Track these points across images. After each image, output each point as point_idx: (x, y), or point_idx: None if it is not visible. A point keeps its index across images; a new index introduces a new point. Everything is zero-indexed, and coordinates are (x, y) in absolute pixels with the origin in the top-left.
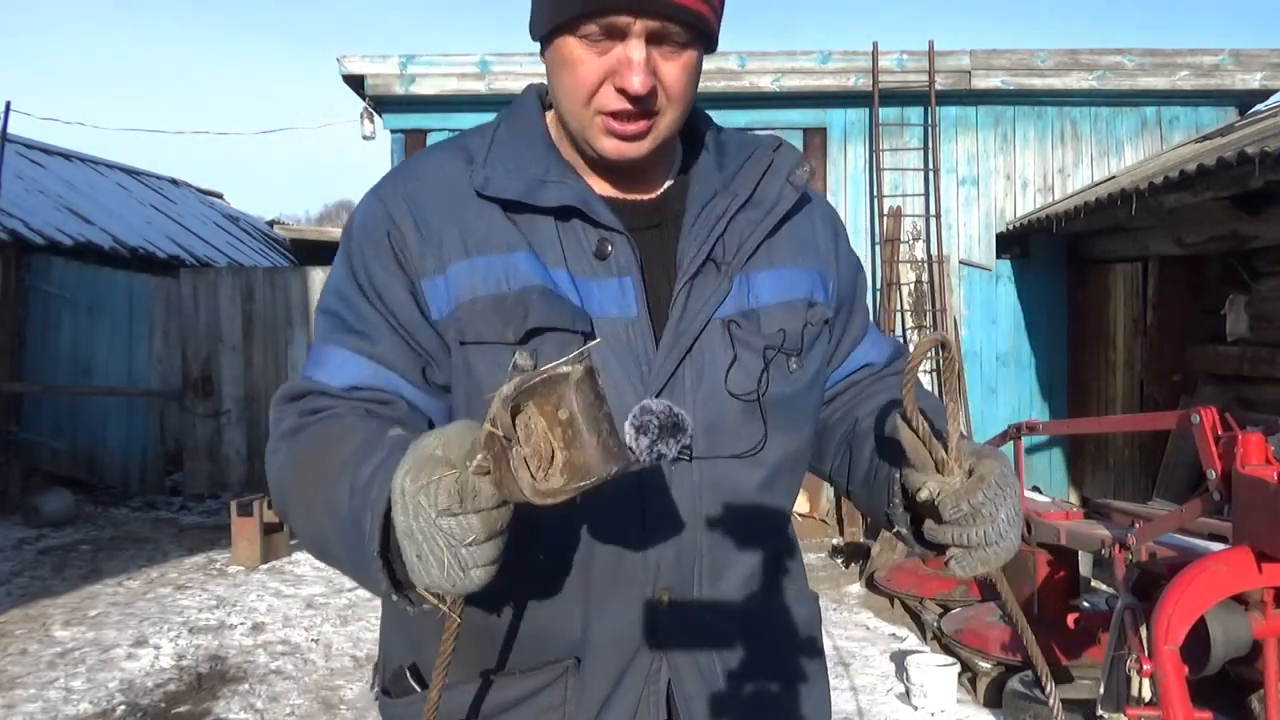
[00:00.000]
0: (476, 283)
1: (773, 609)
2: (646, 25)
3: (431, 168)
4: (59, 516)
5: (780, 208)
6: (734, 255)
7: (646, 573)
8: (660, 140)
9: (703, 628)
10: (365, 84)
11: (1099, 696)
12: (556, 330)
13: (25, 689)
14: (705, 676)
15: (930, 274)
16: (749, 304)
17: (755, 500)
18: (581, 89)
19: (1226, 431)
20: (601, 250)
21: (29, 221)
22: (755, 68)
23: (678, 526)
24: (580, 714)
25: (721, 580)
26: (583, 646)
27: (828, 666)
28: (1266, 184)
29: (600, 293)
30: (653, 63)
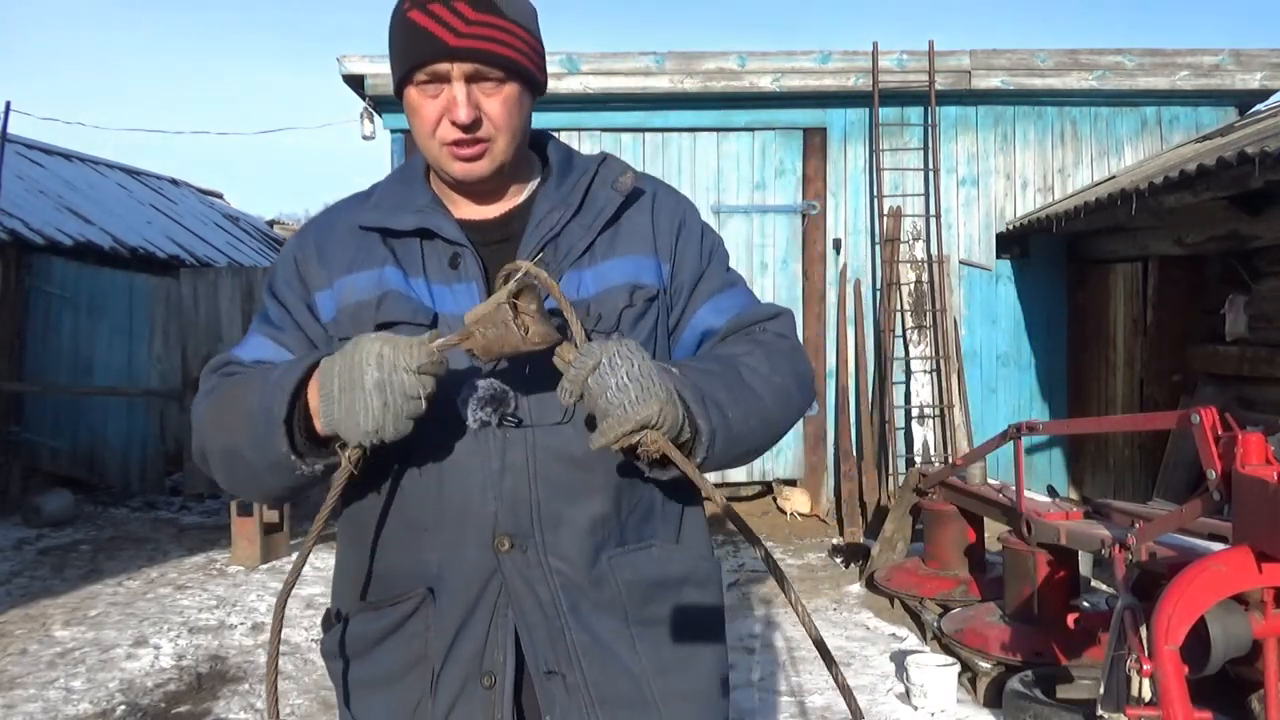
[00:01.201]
0: (353, 293)
1: (619, 558)
2: (463, 69)
3: (336, 213)
4: (59, 516)
5: (606, 211)
6: (564, 257)
7: (487, 520)
8: (499, 160)
9: (542, 570)
10: (365, 84)
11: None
12: (402, 323)
13: (25, 689)
14: (547, 613)
15: (930, 274)
16: (576, 295)
17: (589, 461)
18: (426, 126)
19: (1226, 431)
20: (454, 261)
21: (29, 221)
22: (755, 68)
23: (513, 481)
24: (439, 639)
25: (560, 529)
26: (438, 581)
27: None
28: (1266, 184)
29: (452, 295)
30: (475, 99)
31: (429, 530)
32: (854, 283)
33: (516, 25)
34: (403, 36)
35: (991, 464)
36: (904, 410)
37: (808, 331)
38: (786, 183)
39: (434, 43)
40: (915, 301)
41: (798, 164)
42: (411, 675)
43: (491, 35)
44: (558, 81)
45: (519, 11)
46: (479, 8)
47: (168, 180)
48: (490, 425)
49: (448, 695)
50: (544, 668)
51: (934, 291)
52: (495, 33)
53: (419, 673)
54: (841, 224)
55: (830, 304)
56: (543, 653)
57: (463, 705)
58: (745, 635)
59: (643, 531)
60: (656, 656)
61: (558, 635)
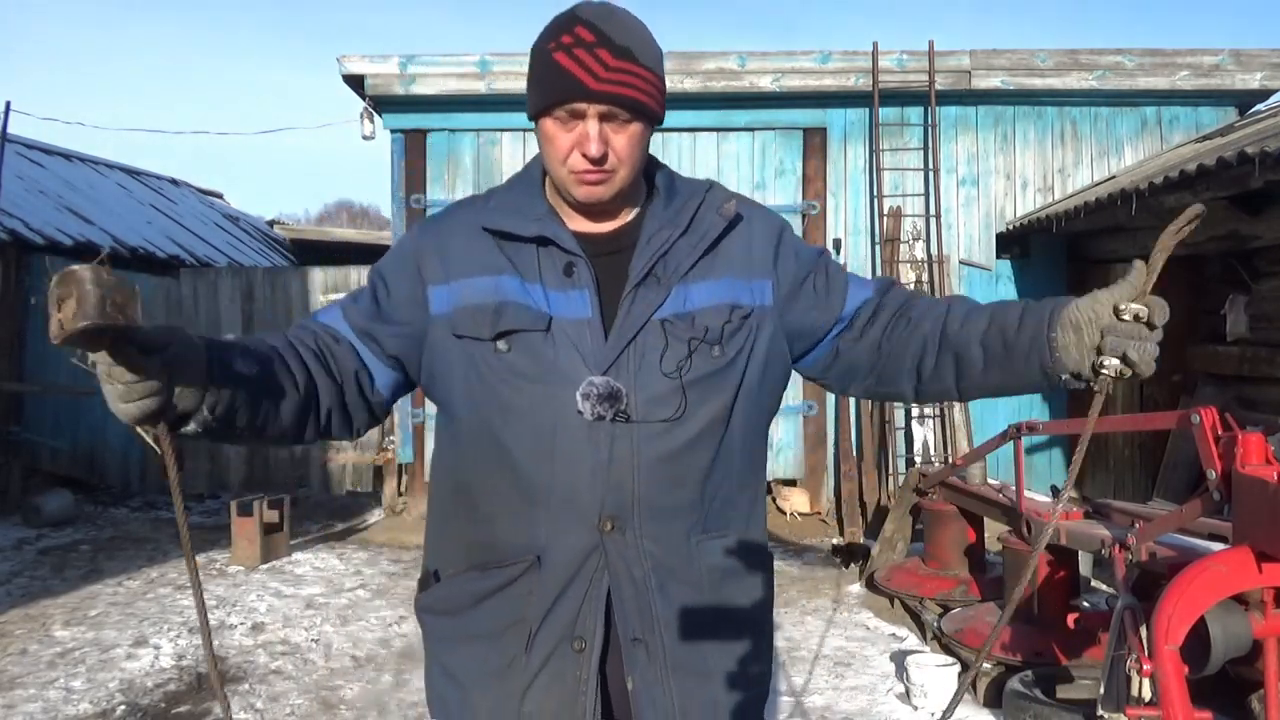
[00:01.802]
0: (470, 295)
1: (703, 543)
2: (598, 109)
3: (457, 213)
4: (59, 516)
5: (711, 234)
6: (672, 271)
7: (594, 505)
8: (619, 187)
9: (638, 551)
10: (365, 84)
11: (1099, 696)
12: (521, 330)
13: (25, 689)
14: (638, 588)
15: (930, 274)
16: (684, 307)
17: (684, 454)
18: (559, 154)
19: (1226, 431)
20: (568, 270)
21: (29, 221)
22: (755, 68)
23: (619, 472)
24: (538, 604)
25: (656, 515)
26: (544, 552)
27: (771, 612)
28: (1266, 184)
29: (566, 300)
30: (605, 135)
31: (540, 507)
32: None
33: (648, 70)
34: (547, 74)
35: (991, 464)
36: (904, 410)
37: None
38: (786, 183)
39: (576, 85)
40: None
41: (798, 164)
42: (509, 633)
43: (626, 81)
44: None
45: (650, 57)
46: (618, 55)
47: (168, 180)
48: (604, 419)
49: (541, 654)
50: (631, 635)
51: (934, 292)
52: (629, 78)
53: (516, 631)
54: (841, 224)
55: None
56: (631, 623)
57: (554, 664)
58: None
59: (721, 520)
60: (721, 634)
61: (645, 608)
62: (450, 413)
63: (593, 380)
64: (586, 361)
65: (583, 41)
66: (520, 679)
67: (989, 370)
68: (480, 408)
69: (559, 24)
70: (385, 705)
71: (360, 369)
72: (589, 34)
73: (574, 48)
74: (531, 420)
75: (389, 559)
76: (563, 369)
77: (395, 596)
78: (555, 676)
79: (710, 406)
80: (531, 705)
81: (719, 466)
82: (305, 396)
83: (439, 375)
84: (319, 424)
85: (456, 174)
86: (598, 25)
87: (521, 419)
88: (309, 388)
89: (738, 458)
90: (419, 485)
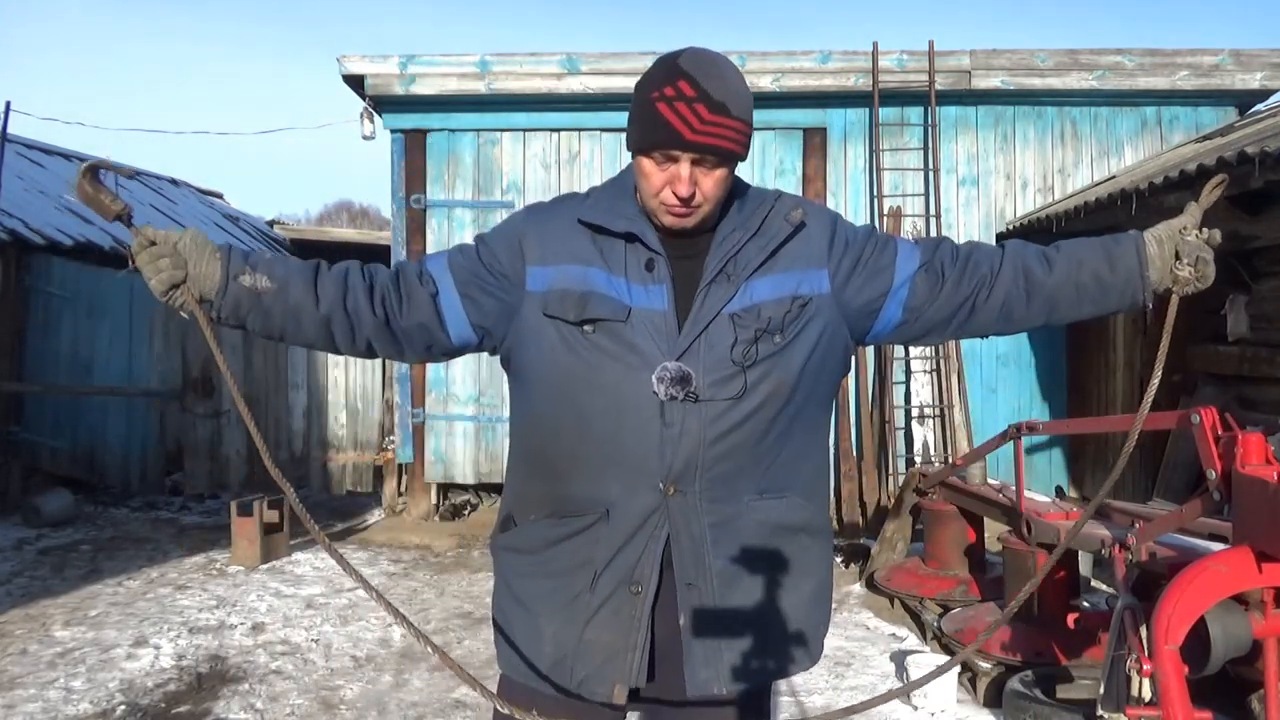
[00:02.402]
0: (562, 280)
1: (755, 504)
2: (690, 156)
3: (558, 206)
4: (59, 516)
5: (778, 237)
6: (741, 270)
7: (662, 471)
8: (702, 218)
9: (697, 512)
10: (365, 84)
11: (1099, 696)
12: (603, 320)
13: (25, 689)
14: (695, 543)
15: None
16: (750, 301)
17: (743, 426)
18: (652, 188)
19: (1226, 431)
20: (649, 265)
21: (29, 221)
22: (755, 68)
23: (687, 444)
24: (605, 550)
25: (716, 481)
26: (613, 507)
27: (828, 569)
28: (1266, 184)
29: (646, 293)
30: (694, 177)
31: (612, 469)
32: None
33: (739, 121)
34: (648, 120)
35: (991, 464)
36: (904, 410)
37: None
38: (786, 183)
39: (674, 134)
40: None
41: (798, 164)
42: (578, 573)
43: (719, 133)
44: (558, 81)
45: (742, 108)
46: (713, 109)
47: (168, 180)
48: (676, 399)
49: (603, 593)
50: (686, 580)
51: None
52: (722, 130)
53: (584, 572)
54: None
55: None
56: (687, 570)
57: (613, 602)
58: None
59: (780, 484)
60: (769, 580)
61: (700, 559)
62: (530, 380)
63: (667, 365)
64: (661, 348)
65: (684, 95)
66: (584, 612)
67: (1082, 305)
68: (565, 379)
69: (665, 73)
70: (385, 705)
71: (431, 316)
72: (690, 89)
73: (675, 100)
74: (613, 395)
75: (389, 559)
76: (642, 353)
77: (395, 596)
78: (613, 613)
79: (769, 383)
80: (591, 634)
81: (777, 437)
82: (326, 319)
83: (525, 344)
84: (354, 344)
85: (456, 174)
86: (698, 80)
87: (603, 393)
88: (336, 312)
89: (798, 429)
90: (419, 485)
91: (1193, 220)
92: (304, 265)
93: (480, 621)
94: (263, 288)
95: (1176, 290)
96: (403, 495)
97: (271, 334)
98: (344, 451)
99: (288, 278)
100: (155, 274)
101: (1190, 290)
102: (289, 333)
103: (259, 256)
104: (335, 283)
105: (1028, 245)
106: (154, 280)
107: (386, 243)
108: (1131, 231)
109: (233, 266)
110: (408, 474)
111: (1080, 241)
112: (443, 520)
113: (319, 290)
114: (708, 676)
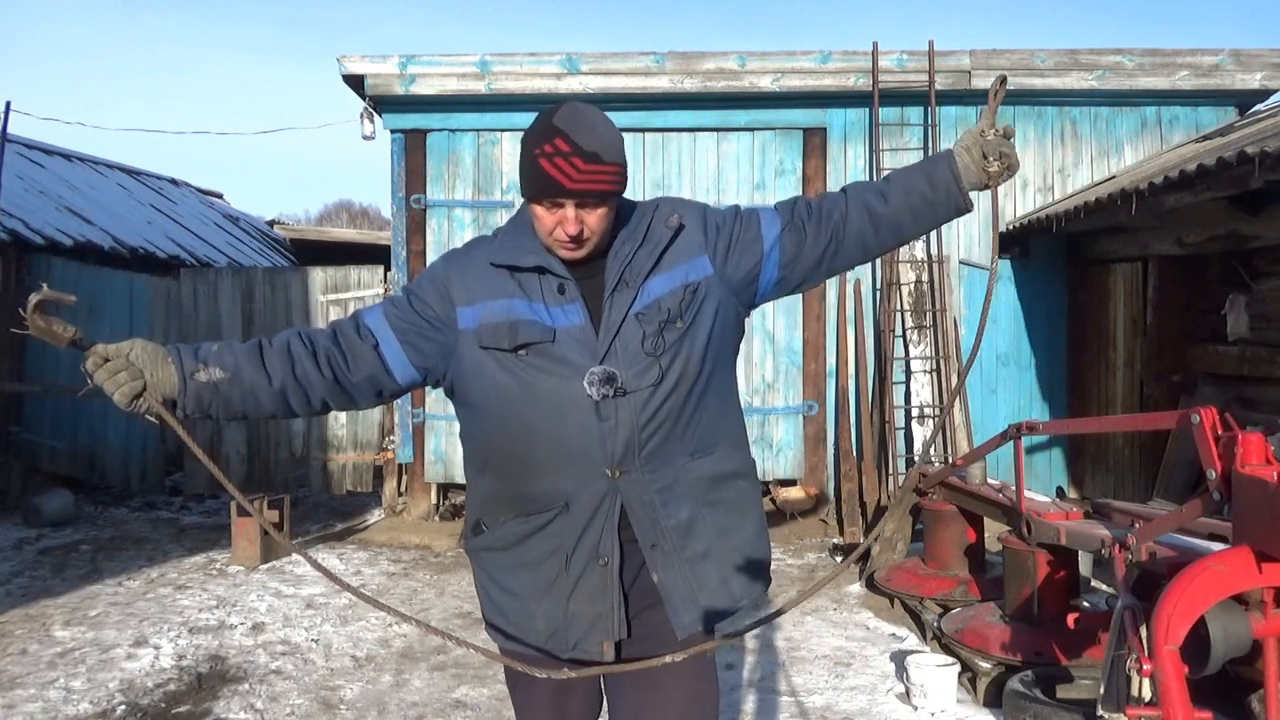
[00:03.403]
0: (490, 315)
1: (690, 464)
2: (573, 201)
3: (471, 250)
4: (59, 516)
5: (662, 242)
6: (636, 275)
7: (606, 460)
8: (590, 249)
9: (642, 483)
10: (365, 84)
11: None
12: (534, 343)
13: (25, 689)
14: (647, 508)
15: (930, 274)
16: (649, 299)
17: (668, 405)
18: (545, 228)
19: (1226, 431)
20: (561, 289)
21: (29, 221)
22: (755, 68)
23: (624, 432)
24: (571, 535)
25: (653, 455)
26: (571, 498)
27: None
28: (1266, 184)
29: (564, 313)
30: (580, 217)
31: (564, 466)
32: (854, 283)
33: (611, 165)
34: (533, 174)
35: (991, 464)
36: (904, 410)
37: (807, 332)
38: (786, 183)
39: (555, 185)
40: (915, 301)
41: (798, 164)
42: (551, 559)
43: (595, 179)
44: (558, 81)
45: (613, 154)
46: (587, 160)
47: (168, 180)
48: (607, 396)
49: (576, 571)
50: (649, 543)
51: (934, 291)
52: (598, 176)
53: (557, 557)
54: None
55: (830, 304)
56: (647, 533)
57: (586, 577)
58: (744, 635)
59: (708, 442)
60: (717, 524)
61: (655, 521)
62: (477, 405)
63: (594, 370)
64: (586, 356)
65: (560, 151)
66: (565, 589)
67: (920, 223)
68: (510, 398)
69: (542, 131)
70: (385, 705)
71: (377, 366)
72: (565, 144)
73: (554, 156)
74: (553, 404)
75: (389, 559)
76: (572, 364)
77: (395, 596)
78: (589, 585)
79: (680, 363)
80: (575, 606)
81: (695, 405)
82: (281, 392)
83: (468, 375)
84: (310, 406)
85: (456, 174)
86: (570, 136)
87: (544, 404)
88: (289, 384)
89: (712, 394)
90: (419, 485)
91: (988, 122)
92: (248, 347)
93: (480, 621)
94: (217, 378)
95: (991, 185)
96: (403, 495)
97: (234, 416)
98: (344, 451)
99: (237, 364)
100: (116, 388)
101: (1004, 180)
102: (250, 411)
103: (206, 350)
104: (280, 356)
105: (867, 184)
106: (116, 394)
107: (386, 243)
108: (944, 149)
109: (186, 366)
110: (408, 474)
111: (905, 169)
112: (443, 520)
113: (268, 368)
114: (690, 619)
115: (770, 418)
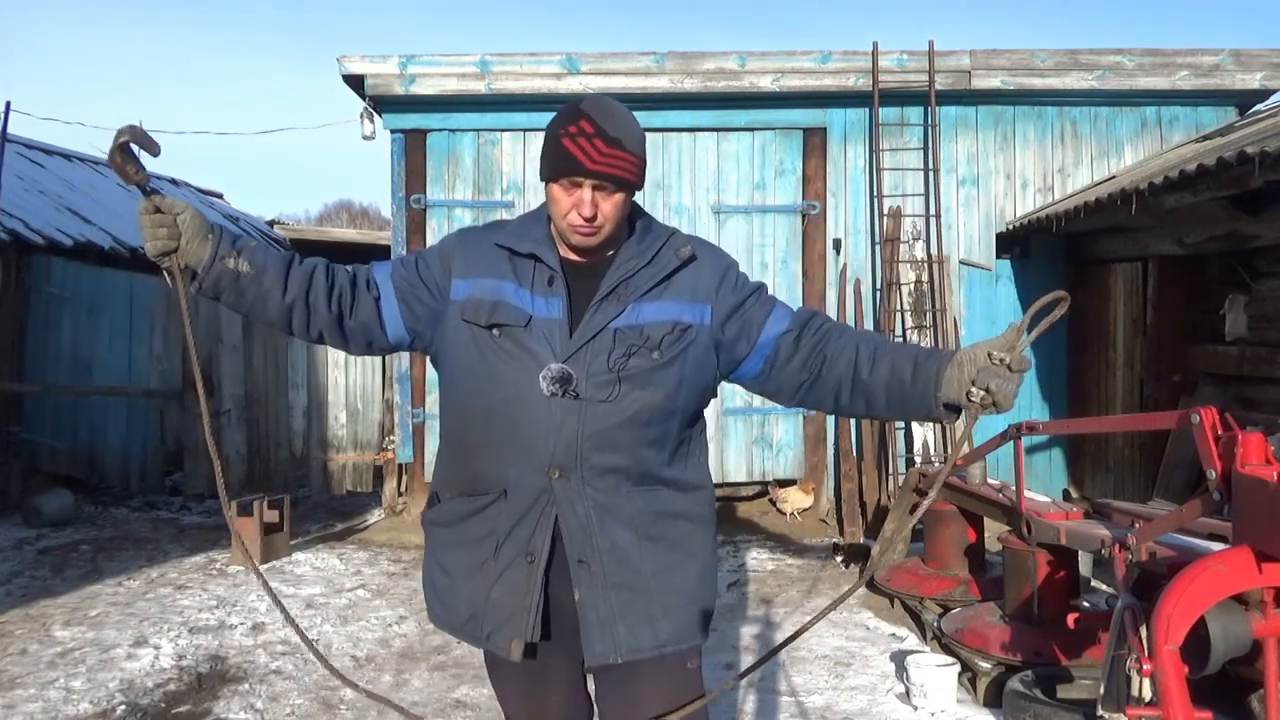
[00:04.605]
0: (479, 291)
1: (633, 493)
2: (591, 182)
3: (484, 230)
4: (59, 516)
5: (667, 268)
6: (631, 292)
7: (547, 456)
8: (603, 238)
9: (580, 494)
10: (365, 84)
11: (1099, 696)
12: (507, 325)
13: (25, 689)
14: (581, 522)
15: (930, 274)
16: (636, 320)
17: (620, 428)
18: (561, 210)
19: (1226, 431)
20: (550, 281)
21: (29, 221)
22: (755, 67)
23: (568, 434)
24: (505, 523)
25: (594, 469)
26: (511, 486)
27: (710, 553)
28: (1266, 184)
29: (546, 304)
30: (596, 200)
31: (509, 454)
32: (854, 283)
33: (632, 154)
34: (555, 153)
35: (991, 464)
36: None
37: None
38: (786, 183)
39: (576, 165)
40: (915, 301)
41: (798, 164)
42: (484, 542)
43: (614, 164)
44: (558, 81)
45: (634, 143)
46: (609, 144)
47: (168, 180)
48: (558, 396)
49: (504, 560)
50: (576, 557)
51: (934, 291)
52: (617, 161)
53: (489, 542)
54: (841, 224)
55: (830, 304)
56: (577, 547)
57: (512, 569)
58: (744, 635)
59: (651, 480)
60: (655, 561)
61: (587, 538)
62: (450, 375)
63: (551, 366)
64: (553, 351)
65: (584, 132)
66: (490, 576)
67: (891, 406)
68: (476, 374)
69: (569, 114)
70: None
71: (373, 317)
72: (589, 126)
73: (578, 136)
74: (512, 389)
75: (389, 559)
76: (535, 355)
77: (395, 596)
78: (513, 578)
79: (645, 394)
80: (496, 595)
81: (651, 441)
82: (289, 307)
83: (448, 344)
84: (308, 332)
85: (456, 174)
86: (596, 120)
87: (504, 387)
88: (298, 304)
89: (671, 437)
90: (419, 485)
91: (1004, 344)
92: (280, 256)
93: None
94: (243, 271)
95: (969, 413)
96: (403, 495)
97: (240, 310)
98: (344, 451)
99: (265, 266)
100: (153, 239)
101: (986, 414)
102: (255, 312)
103: (244, 242)
104: (302, 278)
105: (871, 341)
106: (149, 244)
107: (386, 243)
108: (948, 349)
109: (220, 249)
110: (408, 474)
111: (909, 347)
112: None
113: (288, 281)
114: (604, 649)
115: (770, 418)
